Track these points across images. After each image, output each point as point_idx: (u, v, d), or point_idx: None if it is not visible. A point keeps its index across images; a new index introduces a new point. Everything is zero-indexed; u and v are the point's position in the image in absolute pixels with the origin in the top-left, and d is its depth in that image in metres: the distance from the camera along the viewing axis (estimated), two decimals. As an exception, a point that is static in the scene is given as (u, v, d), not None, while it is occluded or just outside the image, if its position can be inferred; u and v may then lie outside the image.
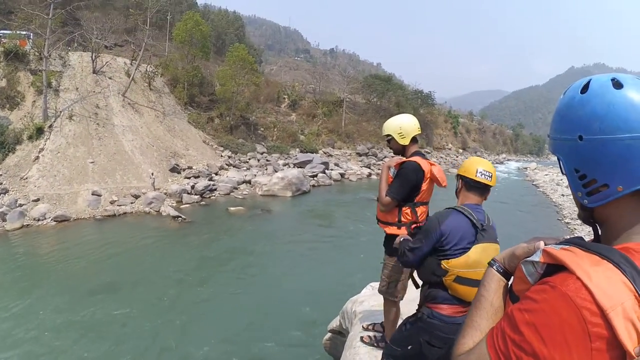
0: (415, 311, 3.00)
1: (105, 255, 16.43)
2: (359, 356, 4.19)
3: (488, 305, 1.09)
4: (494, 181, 2.86)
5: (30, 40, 29.32)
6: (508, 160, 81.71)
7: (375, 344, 4.27)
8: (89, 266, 15.38)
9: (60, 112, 26.58)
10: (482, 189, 2.86)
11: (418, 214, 3.63)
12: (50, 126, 25.48)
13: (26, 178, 22.27)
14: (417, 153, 3.72)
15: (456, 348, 1.07)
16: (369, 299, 6.02)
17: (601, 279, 0.83)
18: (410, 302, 4.39)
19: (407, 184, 3.51)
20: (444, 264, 2.67)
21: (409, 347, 2.89)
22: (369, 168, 41.09)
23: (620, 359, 0.78)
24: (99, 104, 28.85)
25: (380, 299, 4.37)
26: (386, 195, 3.57)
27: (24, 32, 29.27)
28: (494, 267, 1.16)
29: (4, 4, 35.56)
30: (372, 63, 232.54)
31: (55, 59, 29.06)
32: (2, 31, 29.97)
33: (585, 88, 0.99)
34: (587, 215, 1.03)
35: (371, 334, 4.51)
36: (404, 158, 3.68)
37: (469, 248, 2.65)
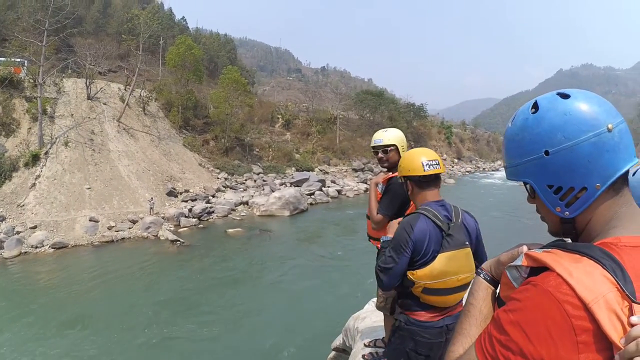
0: (393, 322, 2.89)
1: (102, 282, 16.41)
2: None
3: (477, 313, 1.10)
4: (442, 167, 2.66)
5: (25, 68, 29.51)
6: (503, 167, 79.87)
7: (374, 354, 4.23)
8: (84, 294, 15.33)
9: (56, 138, 26.69)
10: (434, 181, 2.64)
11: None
12: (46, 153, 25.54)
13: (23, 205, 22.25)
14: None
15: (447, 356, 1.09)
16: (370, 315, 5.83)
17: (581, 274, 0.84)
18: None
19: (397, 199, 3.37)
20: (409, 275, 2.50)
21: None
22: (366, 183, 40.74)
23: (606, 351, 0.79)
24: (95, 130, 28.96)
25: (382, 315, 4.23)
26: (377, 213, 3.45)
27: (18, 60, 29.46)
28: (481, 275, 1.17)
29: (-2, 32, 35.85)
30: (364, 79, 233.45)
31: (49, 86, 29.29)
32: None
33: (534, 107, 1.02)
34: (569, 228, 1.04)
35: (373, 350, 4.45)
36: (390, 173, 3.51)
37: (435, 257, 2.47)
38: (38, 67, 27.08)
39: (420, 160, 2.57)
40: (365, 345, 4.61)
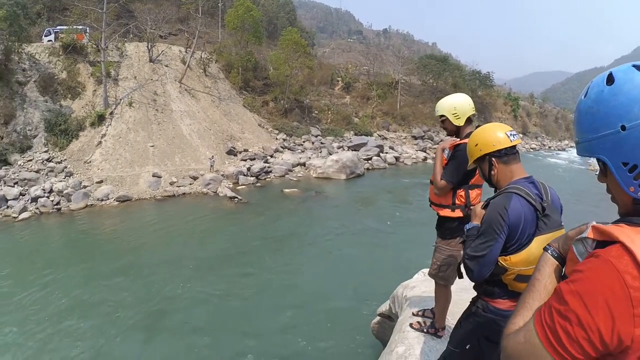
0: (468, 307, 2.69)
1: (159, 234, 16.76)
2: (407, 341, 4.09)
3: (542, 288, 1.11)
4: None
5: (87, 34, 30.35)
6: (571, 147, 72.35)
7: (425, 330, 4.12)
8: (141, 244, 15.70)
9: (120, 99, 27.39)
10: (518, 153, 2.45)
11: (472, 197, 3.49)
12: (111, 113, 26.32)
13: (90, 162, 23.12)
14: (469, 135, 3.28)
15: (507, 327, 1.08)
16: (420, 285, 5.85)
17: None
18: (461, 290, 4.40)
19: (462, 167, 3.27)
20: (502, 261, 2.29)
21: (468, 347, 2.63)
22: (425, 152, 39.72)
23: None
24: (157, 91, 29.47)
25: (431, 286, 4.22)
26: (441, 179, 3.47)
27: (80, 27, 30.27)
28: (549, 251, 1.19)
29: (59, 2, 37.04)
30: (427, 43, 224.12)
31: (112, 50, 29.92)
32: (59, 27, 31.18)
33: (609, 80, 0.99)
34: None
35: (420, 320, 4.35)
36: (459, 140, 3.48)
37: (531, 240, 2.24)
38: (100, 33, 27.76)
39: (502, 131, 2.43)
40: (413, 314, 4.56)
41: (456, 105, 3.49)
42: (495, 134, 2.42)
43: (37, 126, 23.75)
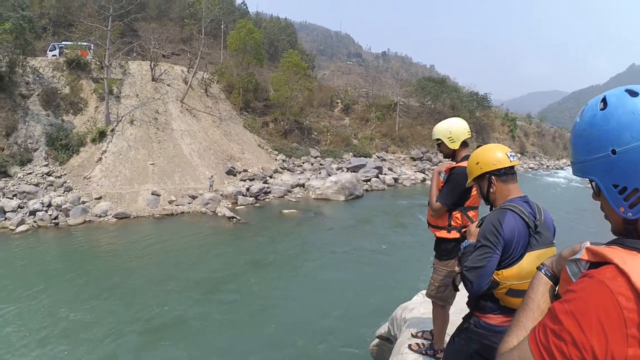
0: (461, 323, 2.75)
1: (153, 253, 16.71)
2: None
3: (535, 307, 1.12)
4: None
5: (91, 51, 30.69)
6: (568, 166, 73.42)
7: (424, 352, 4.15)
8: (134, 262, 15.63)
9: (122, 117, 27.57)
10: (515, 174, 2.55)
11: (468, 220, 3.57)
12: (113, 130, 26.46)
13: (89, 177, 23.16)
14: (467, 157, 3.38)
15: (501, 347, 1.09)
16: (419, 307, 5.86)
17: (638, 267, 0.85)
18: (460, 312, 4.16)
19: (457, 189, 3.47)
20: (495, 276, 2.36)
21: None
22: (423, 173, 39.73)
23: None
24: (159, 110, 29.69)
25: (430, 307, 4.26)
26: (437, 201, 3.58)
27: (85, 43, 30.66)
28: (542, 270, 1.21)
29: (65, 18, 37.58)
30: (425, 65, 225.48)
31: (115, 68, 30.26)
32: (63, 42, 31.64)
33: (603, 103, 1.01)
34: (631, 229, 1.01)
35: (419, 341, 4.38)
36: (454, 163, 3.62)
37: (522, 255, 2.33)
38: (104, 50, 28.01)
39: (503, 152, 2.53)
40: (412, 335, 4.58)
41: (452, 129, 3.63)
42: (496, 154, 2.52)
43: (39, 140, 23.86)
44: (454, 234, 3.60)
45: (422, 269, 13.88)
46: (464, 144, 3.68)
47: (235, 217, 21.52)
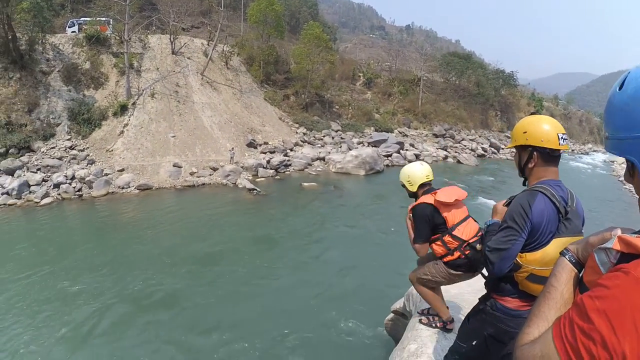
0: (477, 304, 2.71)
1: (172, 224, 16.77)
2: (420, 339, 4.13)
3: (558, 296, 1.05)
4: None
5: (110, 26, 30.68)
6: (594, 151, 72.02)
7: (433, 325, 4.24)
8: (152, 233, 15.73)
9: (143, 90, 27.59)
10: (558, 158, 2.34)
11: (461, 234, 3.70)
12: (134, 103, 26.54)
13: (112, 150, 23.34)
14: (426, 192, 3.94)
15: (520, 338, 1.02)
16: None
17: None
18: (477, 292, 4.35)
19: (424, 224, 3.72)
20: (518, 258, 2.28)
21: (474, 343, 2.67)
22: (446, 150, 39.06)
23: None
24: (179, 83, 29.62)
25: (448, 286, 4.44)
26: (415, 243, 3.80)
27: (104, 19, 30.67)
28: (566, 256, 1.12)
29: (82, -6, 37.49)
30: (451, 40, 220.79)
31: (135, 42, 30.18)
32: (82, 18, 31.62)
33: None
34: None
35: (430, 316, 4.41)
36: (415, 202, 3.91)
37: (549, 241, 2.22)
38: (123, 25, 27.98)
39: (555, 131, 2.27)
40: (419, 313, 4.66)
41: (410, 174, 4.03)
42: (547, 131, 2.28)
43: (61, 115, 24.08)
44: (457, 254, 3.70)
45: None
46: (422, 185, 4.00)
47: (256, 189, 21.55)
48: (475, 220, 3.93)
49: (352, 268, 12.90)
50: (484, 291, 2.69)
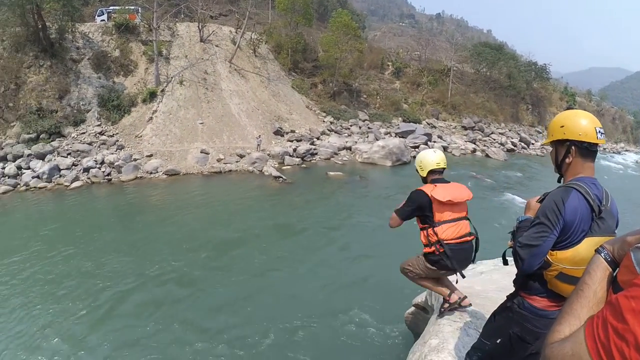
0: (504, 301, 2.66)
1: (201, 209, 16.91)
2: (442, 334, 4.08)
3: (591, 294, 1.03)
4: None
5: (139, 14, 30.93)
6: (626, 150, 69.34)
7: (442, 310, 4.43)
8: (177, 216, 15.89)
9: (171, 77, 27.74)
10: (596, 153, 2.29)
11: (440, 234, 3.94)
12: (163, 90, 26.72)
13: (140, 136, 23.63)
14: (434, 181, 4.14)
15: (551, 335, 1.00)
16: (460, 280, 5.52)
17: None
18: (500, 290, 4.47)
19: (409, 206, 4.06)
20: (548, 256, 2.23)
21: (498, 341, 2.64)
22: (474, 143, 37.94)
23: None
24: (207, 70, 29.67)
25: (471, 282, 4.71)
26: (394, 213, 4.15)
27: (132, 7, 30.96)
28: (602, 254, 1.10)
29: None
30: (482, 30, 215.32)
31: (163, 30, 30.36)
32: (111, 7, 31.96)
33: None
34: None
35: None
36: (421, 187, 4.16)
37: (581, 240, 2.16)
38: (152, 13, 28.20)
39: (592, 125, 2.23)
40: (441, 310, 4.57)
41: (422, 159, 4.25)
42: (584, 125, 2.24)
43: (91, 101, 24.46)
44: (433, 249, 3.99)
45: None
46: (432, 172, 4.20)
47: (282, 177, 21.50)
48: (471, 224, 4.20)
49: (373, 260, 12.68)
50: (509, 289, 2.65)
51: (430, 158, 4.20)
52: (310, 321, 9.12)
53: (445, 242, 3.92)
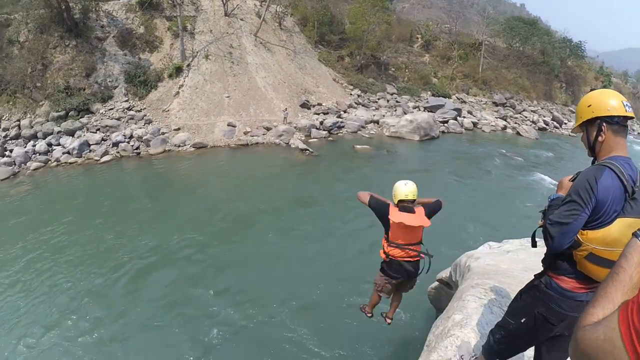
0: (531, 280, 2.60)
1: (231, 180, 17.10)
2: (466, 310, 4.11)
3: (627, 279, 1.01)
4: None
5: (163, -10, 30.50)
6: None
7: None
8: (205, 189, 16.07)
9: (197, 52, 27.59)
10: (626, 128, 2.26)
11: (389, 252, 4.72)
12: (188, 65, 26.65)
13: (168, 110, 23.73)
14: (402, 208, 4.65)
15: (584, 318, 0.97)
16: (485, 257, 5.87)
17: None
18: (527, 270, 4.39)
19: (375, 206, 4.78)
20: (579, 235, 2.18)
21: (523, 320, 2.57)
22: (505, 120, 36.52)
23: None
24: (233, 44, 29.41)
25: (496, 259, 4.94)
26: (366, 191, 4.94)
27: None
28: (639, 238, 1.07)
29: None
30: (515, 3, 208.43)
31: (188, 5, 30.12)
32: None
33: None
34: None
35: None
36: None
37: (613, 220, 2.09)
38: (175, -12, 27.87)
39: (618, 99, 2.20)
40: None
41: (395, 189, 4.85)
42: (610, 100, 2.21)
43: (117, 78, 24.59)
44: (384, 255, 4.81)
45: (491, 219, 14.07)
46: (401, 201, 4.72)
47: (308, 150, 21.36)
48: (423, 247, 4.88)
49: None
50: (535, 269, 2.61)
51: (401, 190, 4.79)
52: (325, 293, 9.21)
53: (392, 256, 4.71)
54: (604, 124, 2.19)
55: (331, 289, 9.39)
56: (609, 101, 2.20)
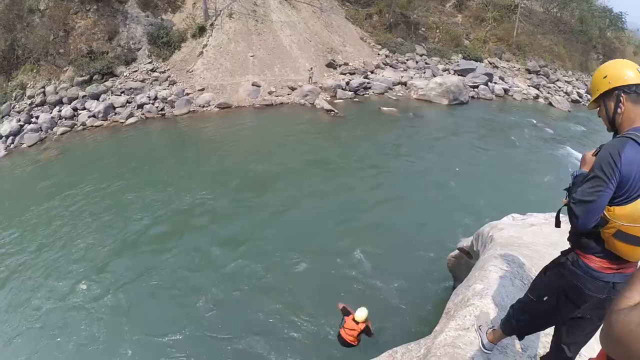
0: (557, 257, 2.51)
1: (254, 140, 17.15)
2: (488, 280, 4.05)
3: None
4: None
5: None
6: None
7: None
8: (227, 149, 16.29)
9: (220, 11, 27.07)
10: None
11: (341, 330, 6.11)
12: (212, 24, 26.24)
13: (192, 71, 23.57)
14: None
15: (619, 301, 0.96)
16: (508, 228, 5.78)
17: None
18: (550, 245, 4.30)
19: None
20: (605, 212, 2.08)
21: (545, 298, 2.52)
22: (538, 89, 34.63)
23: None
24: (257, 2, 28.67)
25: (520, 231, 4.90)
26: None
27: None
28: None
29: None
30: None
31: (209, -38, 29.33)
32: None
33: None
34: None
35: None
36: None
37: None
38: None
39: (633, 68, 2.17)
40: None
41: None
42: (626, 69, 2.18)
43: (140, 40, 24.49)
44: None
45: (516, 190, 13.85)
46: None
47: (333, 110, 21.09)
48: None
49: (419, 203, 12.65)
50: (558, 245, 2.58)
51: (358, 313, 6.07)
52: (337, 257, 9.44)
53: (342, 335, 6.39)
54: (622, 94, 2.14)
55: (357, 247, 9.53)
56: (625, 70, 2.16)
